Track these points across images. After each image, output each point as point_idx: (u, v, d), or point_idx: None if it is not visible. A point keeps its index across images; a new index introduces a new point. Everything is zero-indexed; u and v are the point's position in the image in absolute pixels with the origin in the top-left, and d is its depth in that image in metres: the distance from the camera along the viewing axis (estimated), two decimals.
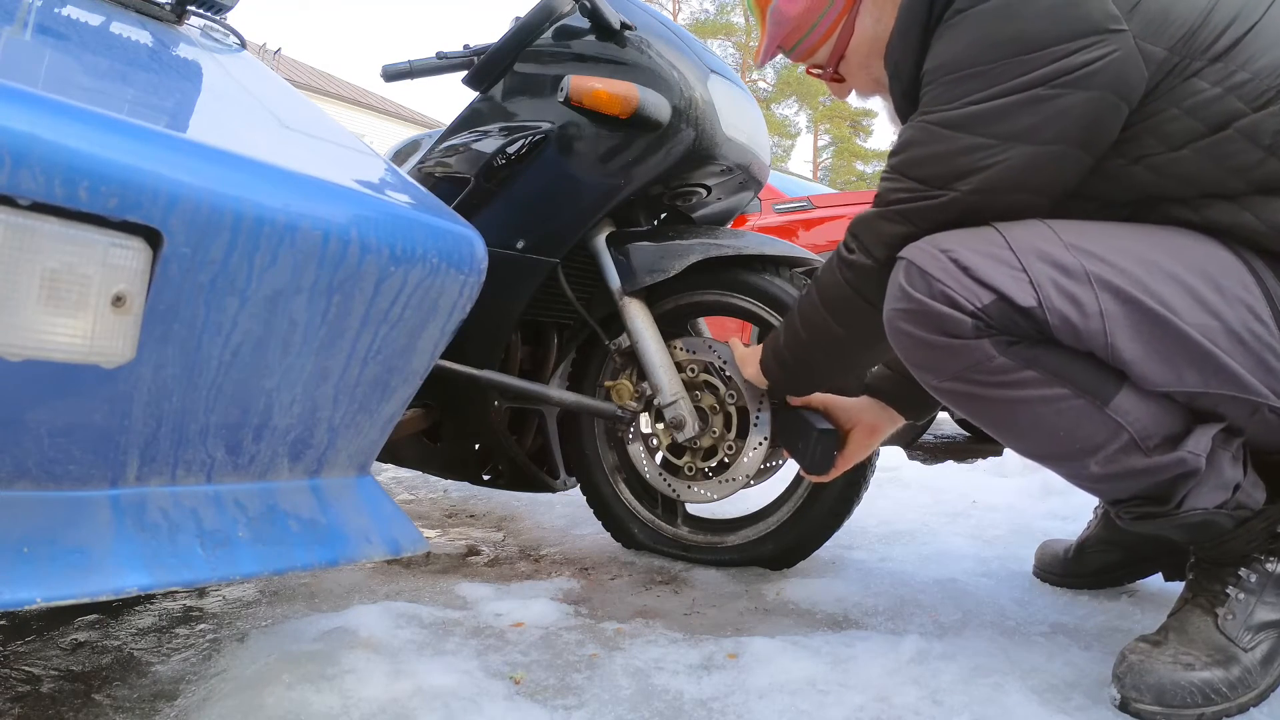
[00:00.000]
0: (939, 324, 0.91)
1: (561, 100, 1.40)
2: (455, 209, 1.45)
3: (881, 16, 1.11)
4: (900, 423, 1.27)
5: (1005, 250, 0.90)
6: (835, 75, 1.20)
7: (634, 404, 1.52)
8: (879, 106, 1.16)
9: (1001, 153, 0.91)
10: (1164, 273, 0.87)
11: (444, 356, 1.39)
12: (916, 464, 2.57)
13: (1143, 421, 0.89)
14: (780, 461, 1.56)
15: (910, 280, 0.93)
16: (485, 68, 1.56)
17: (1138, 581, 1.35)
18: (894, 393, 1.25)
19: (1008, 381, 0.91)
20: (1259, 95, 0.86)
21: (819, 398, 1.31)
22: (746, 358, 1.33)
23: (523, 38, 1.53)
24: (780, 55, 1.24)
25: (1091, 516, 1.39)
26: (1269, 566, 0.93)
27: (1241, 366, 0.86)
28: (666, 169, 1.43)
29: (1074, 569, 1.36)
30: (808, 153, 34.41)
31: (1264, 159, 0.87)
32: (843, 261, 1.07)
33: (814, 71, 1.22)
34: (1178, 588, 1.03)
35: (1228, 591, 0.94)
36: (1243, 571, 0.94)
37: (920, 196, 0.97)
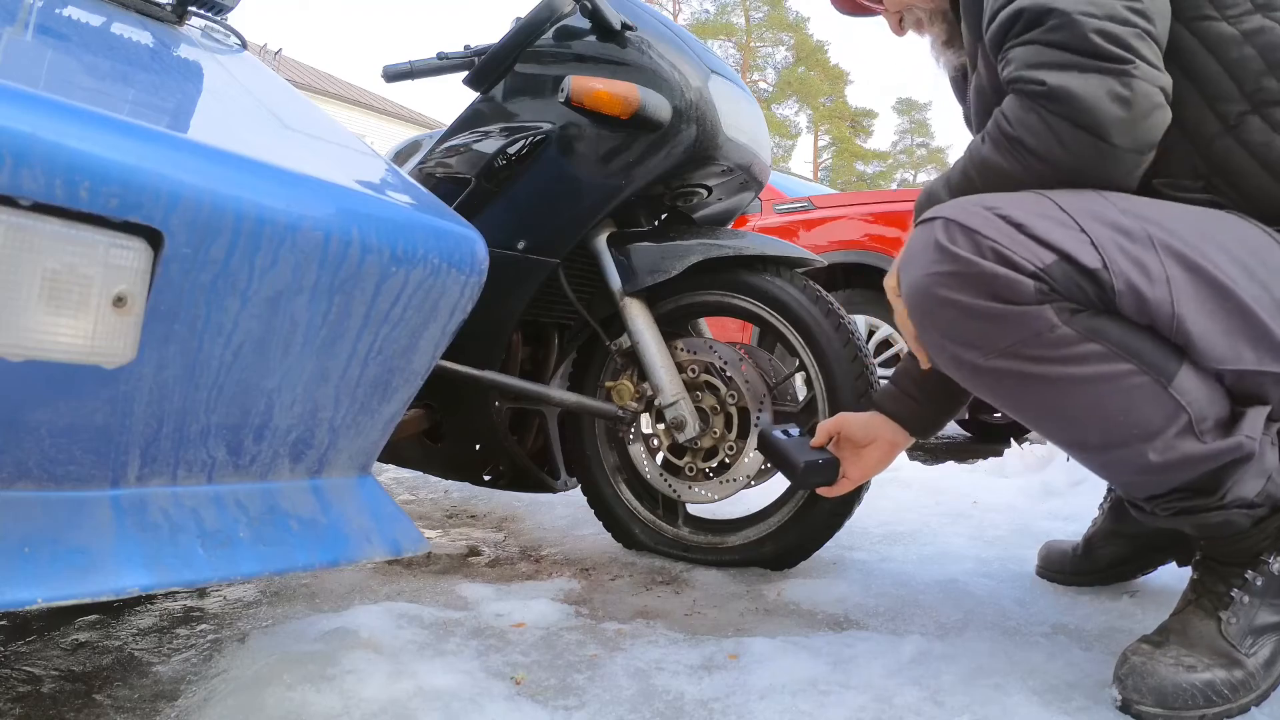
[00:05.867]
0: (992, 287, 0.82)
1: (562, 101, 1.40)
2: (456, 209, 1.46)
3: None
4: (911, 441, 1.24)
5: (1058, 211, 0.84)
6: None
7: (635, 404, 1.52)
8: (881, 108, 1.16)
9: None
10: (1216, 241, 0.83)
11: (445, 357, 1.38)
12: (917, 464, 2.57)
13: (1200, 403, 0.84)
14: None
15: (952, 238, 0.85)
16: (486, 68, 1.56)
17: (1140, 580, 1.35)
18: (903, 413, 1.20)
19: (1066, 356, 0.83)
20: None
21: (836, 420, 1.25)
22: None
23: (523, 38, 1.53)
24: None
25: (1097, 514, 1.39)
26: (1274, 567, 0.92)
27: None
28: (667, 169, 1.43)
29: (1084, 566, 1.35)
30: (808, 153, 34.44)
31: None
32: (1003, 135, 0.92)
33: (872, 5, 1.23)
34: (1178, 590, 1.02)
35: (1232, 594, 0.93)
36: (1249, 574, 0.93)
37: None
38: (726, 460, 1.47)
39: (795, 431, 1.31)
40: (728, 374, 1.46)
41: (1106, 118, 0.84)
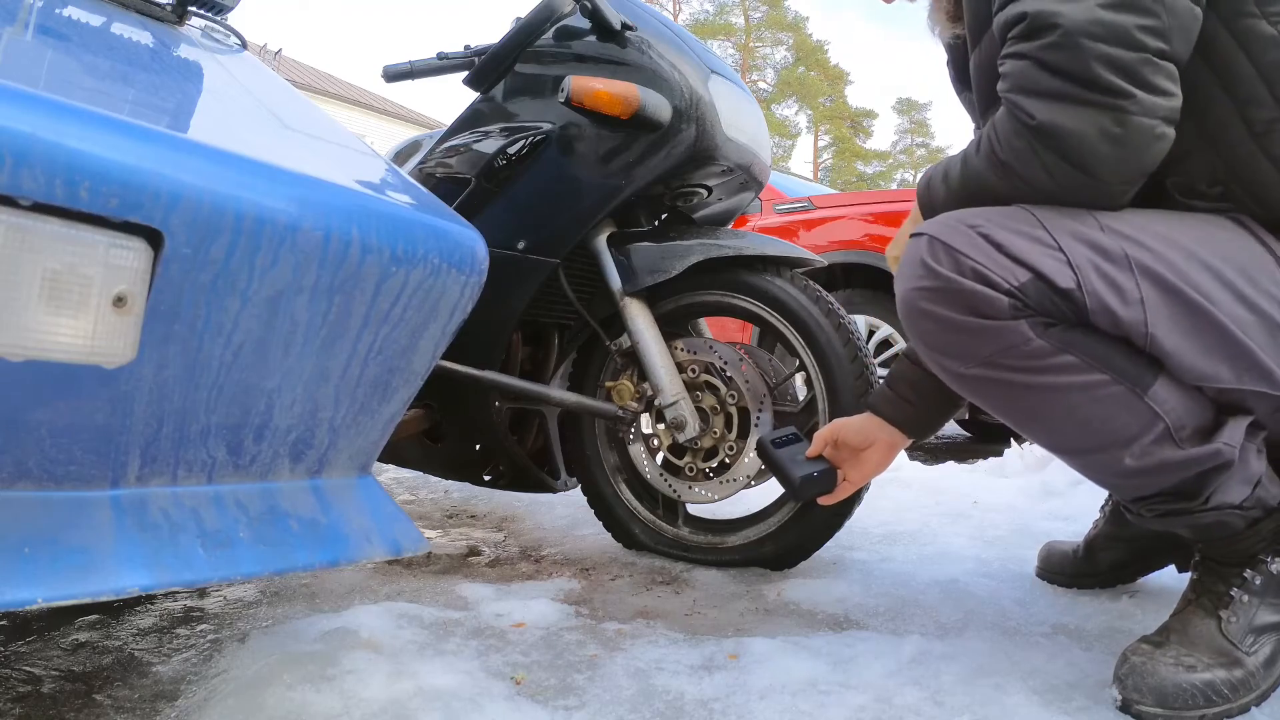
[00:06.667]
0: (970, 303, 0.86)
1: (562, 101, 1.40)
2: (456, 209, 1.46)
3: None
4: (908, 442, 1.24)
5: (1039, 229, 0.86)
6: None
7: (635, 404, 1.52)
8: (881, 108, 1.14)
9: None
10: (1200, 262, 0.84)
11: (445, 357, 1.39)
12: (917, 464, 2.57)
13: (1178, 412, 0.86)
14: None
15: (935, 256, 0.88)
16: (486, 68, 1.56)
17: (1141, 580, 1.35)
18: (899, 416, 1.19)
19: (1043, 367, 0.86)
20: None
21: (831, 427, 1.25)
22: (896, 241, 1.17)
23: (523, 38, 1.53)
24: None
25: (1098, 515, 1.38)
26: (1273, 567, 0.93)
27: (1274, 362, 0.84)
28: (667, 169, 1.43)
29: (1085, 569, 1.35)
30: (808, 153, 34.48)
31: None
32: (997, 161, 0.91)
33: None
34: (1178, 590, 1.03)
35: (1232, 594, 0.93)
36: (1248, 573, 0.93)
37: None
38: (726, 460, 1.47)
39: (794, 432, 1.30)
40: (728, 374, 1.46)
41: (1096, 157, 0.84)
